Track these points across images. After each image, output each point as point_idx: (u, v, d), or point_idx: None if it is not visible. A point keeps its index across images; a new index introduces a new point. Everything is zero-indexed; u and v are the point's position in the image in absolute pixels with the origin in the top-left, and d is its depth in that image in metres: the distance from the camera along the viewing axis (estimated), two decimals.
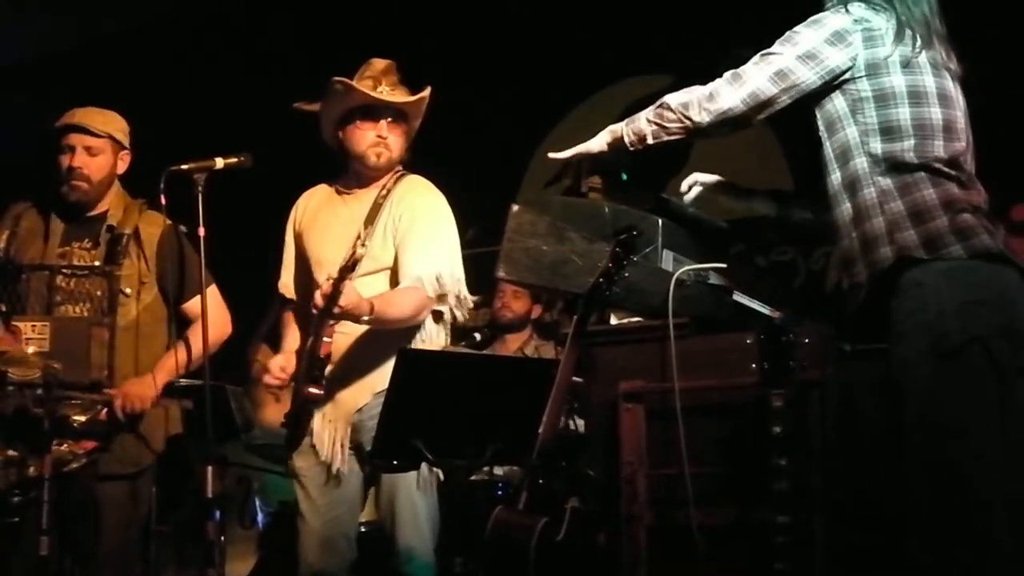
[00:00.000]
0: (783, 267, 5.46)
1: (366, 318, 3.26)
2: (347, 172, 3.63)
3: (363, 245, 3.23)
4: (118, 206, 3.71)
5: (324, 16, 6.62)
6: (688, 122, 2.64)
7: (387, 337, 3.39)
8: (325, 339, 3.32)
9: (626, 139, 2.75)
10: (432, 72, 3.71)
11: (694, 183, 3.03)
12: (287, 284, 3.65)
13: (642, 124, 2.71)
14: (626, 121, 2.76)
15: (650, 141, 2.71)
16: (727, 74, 2.64)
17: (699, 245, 2.97)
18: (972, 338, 2.42)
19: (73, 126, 3.63)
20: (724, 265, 2.93)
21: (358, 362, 3.44)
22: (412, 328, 3.48)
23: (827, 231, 2.72)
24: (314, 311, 3.25)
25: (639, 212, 2.88)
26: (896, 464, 2.50)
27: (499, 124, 5.97)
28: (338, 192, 3.64)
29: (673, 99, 2.66)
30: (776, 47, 2.62)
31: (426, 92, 3.55)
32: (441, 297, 3.46)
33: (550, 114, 6.37)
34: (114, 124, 3.71)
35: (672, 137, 2.68)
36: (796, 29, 2.62)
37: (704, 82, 2.70)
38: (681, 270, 2.83)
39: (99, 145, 3.65)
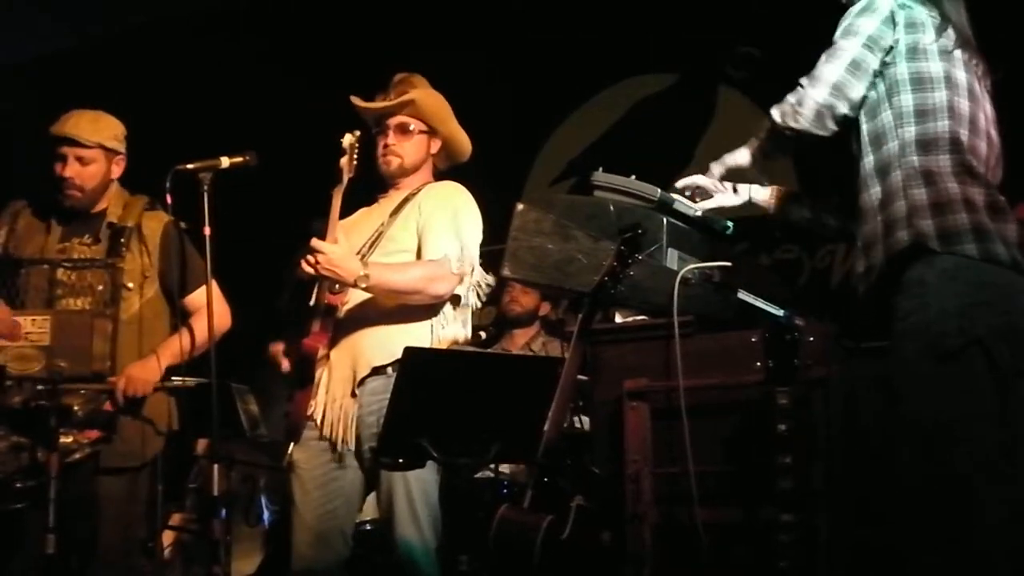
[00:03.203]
0: (787, 265, 5.47)
1: (363, 285, 3.28)
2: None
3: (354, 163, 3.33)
4: (117, 204, 3.73)
5: (326, 16, 6.63)
6: (789, 131, 2.68)
7: (397, 312, 3.41)
8: (331, 292, 3.37)
9: (757, 153, 2.84)
10: (434, 71, 3.72)
11: (698, 187, 3.02)
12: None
13: (761, 139, 2.79)
14: (747, 145, 2.84)
15: (768, 151, 2.81)
16: (804, 80, 2.67)
17: (704, 243, 2.98)
18: (971, 340, 2.42)
19: (64, 137, 3.64)
20: (729, 264, 2.94)
21: (362, 331, 3.43)
22: (428, 310, 3.47)
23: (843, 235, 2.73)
24: (306, 270, 3.29)
25: (644, 210, 2.88)
26: (894, 463, 2.50)
27: (503, 122, 5.97)
28: (375, 199, 3.68)
29: (775, 112, 2.70)
30: (839, 41, 2.65)
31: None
32: (463, 275, 3.46)
33: (554, 113, 6.38)
34: (105, 132, 3.70)
35: (785, 140, 2.73)
36: (852, 22, 2.65)
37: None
38: (686, 268, 2.84)
39: (90, 155, 3.66)
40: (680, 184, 3.02)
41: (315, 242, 3.26)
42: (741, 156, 2.91)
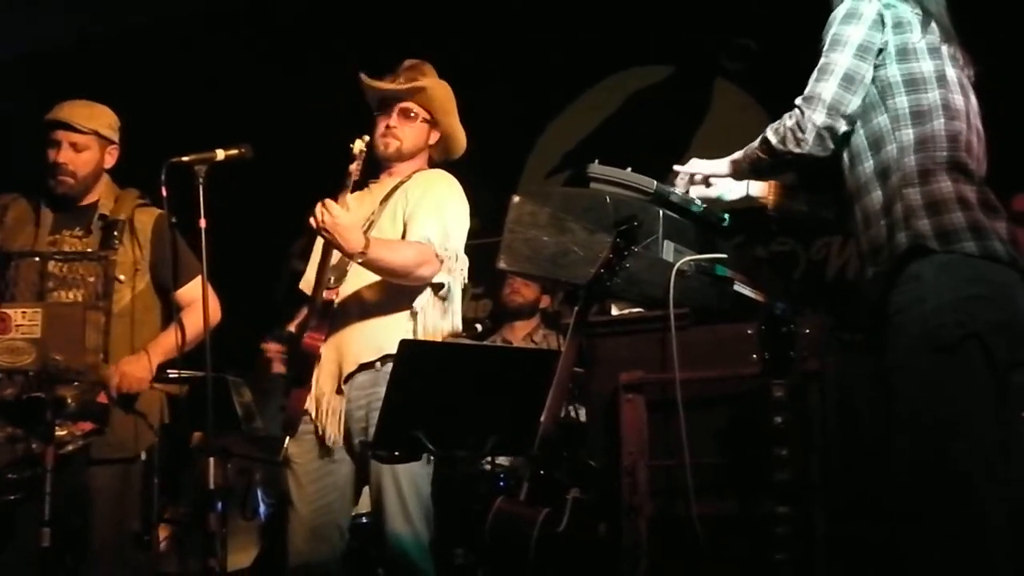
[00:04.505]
0: (783, 258, 5.46)
1: (360, 260, 3.27)
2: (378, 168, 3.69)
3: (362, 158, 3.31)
4: (108, 196, 3.73)
5: (324, 11, 6.62)
6: (790, 155, 2.66)
7: (381, 306, 3.41)
8: (328, 287, 3.37)
9: (746, 165, 2.84)
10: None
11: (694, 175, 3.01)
12: (308, 279, 3.63)
13: (753, 156, 2.79)
14: (742, 153, 2.83)
15: (763, 168, 2.81)
16: (799, 100, 2.64)
17: (700, 236, 2.97)
18: (968, 333, 2.42)
19: (58, 122, 3.64)
20: (725, 256, 2.93)
21: (349, 327, 3.44)
22: (411, 301, 3.45)
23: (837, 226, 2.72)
24: (311, 223, 3.27)
25: (640, 203, 2.88)
26: (892, 458, 2.50)
27: (499, 115, 5.96)
28: (367, 186, 3.67)
29: (772, 136, 2.68)
30: (828, 55, 2.63)
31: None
32: (445, 263, 3.44)
33: (550, 105, 6.38)
34: (100, 119, 3.71)
35: (785, 163, 2.73)
36: (837, 31, 2.62)
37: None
38: (682, 260, 2.83)
39: (84, 141, 3.66)
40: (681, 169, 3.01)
41: (329, 202, 3.24)
42: (721, 167, 2.91)
